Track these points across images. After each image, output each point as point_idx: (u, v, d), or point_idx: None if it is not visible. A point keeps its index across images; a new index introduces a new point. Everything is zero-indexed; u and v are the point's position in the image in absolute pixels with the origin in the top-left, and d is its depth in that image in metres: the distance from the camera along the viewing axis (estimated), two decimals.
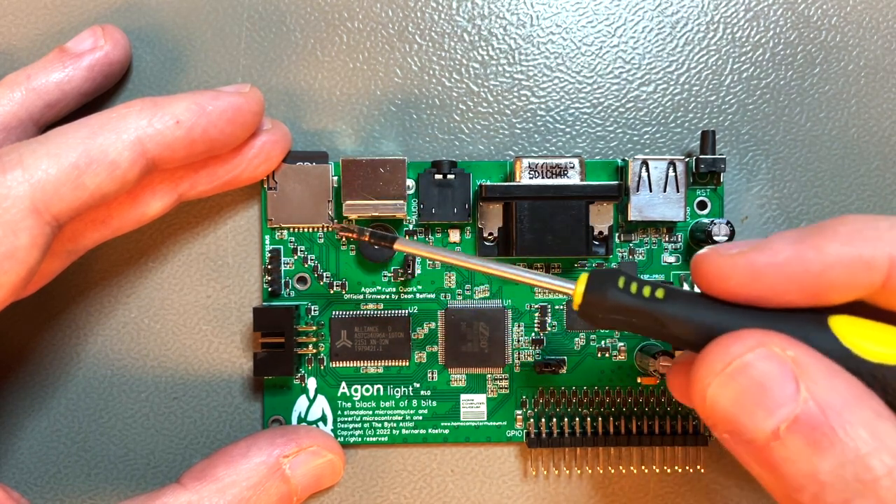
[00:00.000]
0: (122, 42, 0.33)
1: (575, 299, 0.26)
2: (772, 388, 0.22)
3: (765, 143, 0.35)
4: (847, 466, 0.21)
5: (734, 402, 0.22)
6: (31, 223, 0.26)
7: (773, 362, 0.22)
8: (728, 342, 0.23)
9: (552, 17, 0.35)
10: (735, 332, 0.23)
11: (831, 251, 0.23)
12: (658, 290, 0.25)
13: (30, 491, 0.35)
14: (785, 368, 0.22)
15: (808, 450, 0.21)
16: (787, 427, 0.22)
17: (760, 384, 0.22)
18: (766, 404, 0.22)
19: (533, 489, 0.35)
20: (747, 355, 0.22)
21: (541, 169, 0.32)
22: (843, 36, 0.35)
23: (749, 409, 0.22)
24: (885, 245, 0.23)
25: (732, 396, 0.22)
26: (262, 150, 0.32)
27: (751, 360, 0.22)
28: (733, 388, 0.22)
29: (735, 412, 0.22)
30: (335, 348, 0.34)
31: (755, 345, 0.23)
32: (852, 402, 0.22)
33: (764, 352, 0.22)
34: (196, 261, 0.35)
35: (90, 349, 0.35)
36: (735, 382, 0.22)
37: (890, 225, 0.23)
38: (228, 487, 0.30)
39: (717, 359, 0.23)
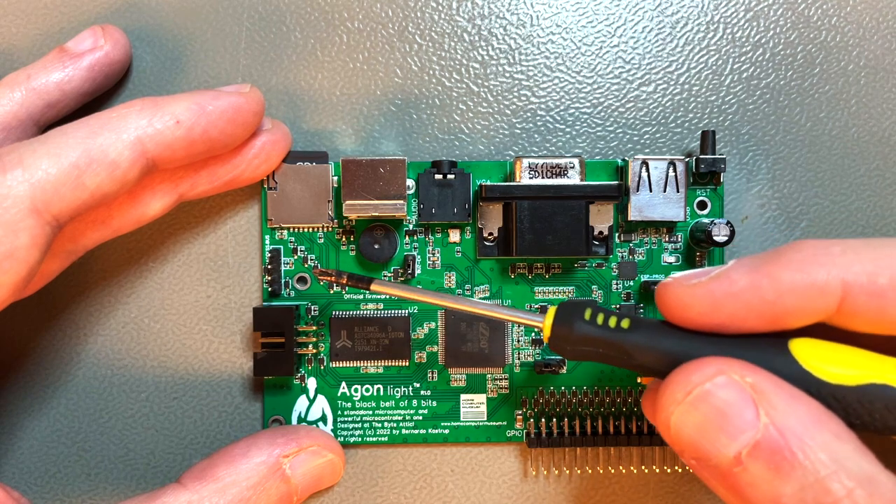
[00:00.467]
0: (122, 42, 0.33)
1: (544, 332, 0.27)
2: (732, 414, 0.23)
3: (765, 143, 0.35)
4: (808, 490, 0.21)
5: (696, 429, 0.23)
6: (31, 223, 0.26)
7: (732, 389, 0.23)
8: (688, 371, 0.24)
9: (552, 17, 0.35)
10: (695, 360, 0.24)
11: (785, 279, 0.23)
12: (624, 320, 0.26)
13: (30, 491, 0.35)
14: (744, 395, 0.23)
15: (769, 474, 0.22)
16: (748, 452, 0.22)
17: (721, 411, 0.23)
18: (727, 430, 0.23)
19: (533, 489, 0.35)
20: (707, 384, 0.23)
21: (541, 169, 0.32)
22: (843, 36, 0.35)
23: (711, 435, 0.23)
24: (838, 270, 0.23)
25: (694, 424, 0.23)
26: (262, 150, 0.32)
27: (710, 388, 0.23)
28: (695, 416, 0.23)
29: (698, 439, 0.23)
30: (335, 348, 0.34)
31: (714, 373, 0.23)
32: (811, 426, 0.22)
33: (723, 379, 0.23)
34: (196, 261, 0.35)
35: (90, 349, 0.35)
36: (696, 410, 0.23)
37: (842, 250, 0.24)
38: (229, 487, 0.30)
39: (678, 388, 0.24)
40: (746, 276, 0.24)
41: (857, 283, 0.23)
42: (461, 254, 0.34)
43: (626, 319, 0.26)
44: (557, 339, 0.27)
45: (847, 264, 0.23)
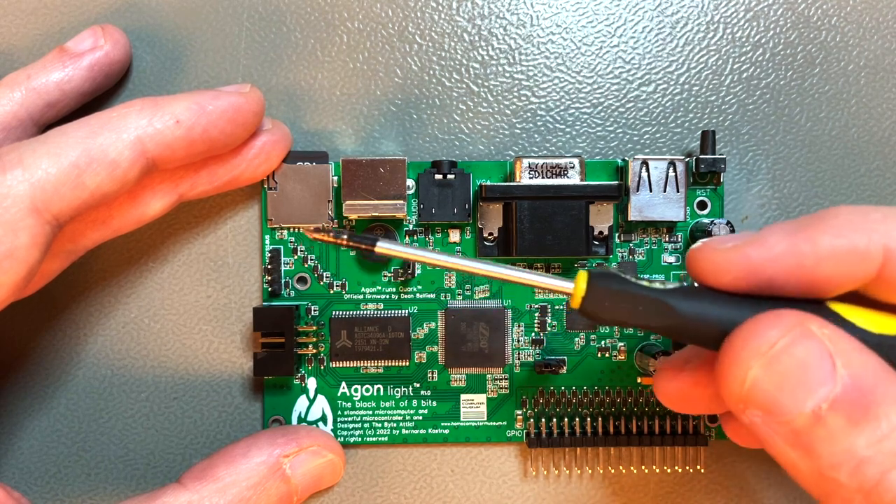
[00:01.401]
0: (122, 42, 0.33)
1: (575, 296, 0.25)
2: (813, 367, 0.22)
3: (765, 143, 0.35)
4: (884, 441, 0.21)
5: (776, 383, 0.22)
6: (31, 222, 0.26)
7: (812, 342, 0.22)
8: (767, 323, 0.23)
9: (552, 17, 0.35)
10: (771, 312, 0.23)
11: (825, 243, 0.23)
12: (659, 283, 0.25)
13: (30, 491, 0.35)
14: (822, 348, 0.22)
15: (847, 427, 0.21)
16: (828, 406, 0.21)
17: (803, 364, 0.22)
18: (807, 384, 0.22)
19: (533, 489, 0.35)
20: (788, 336, 0.22)
21: (541, 169, 0.32)
22: (843, 36, 0.35)
23: (791, 390, 0.22)
24: (879, 236, 0.23)
25: (776, 378, 0.22)
26: (262, 150, 0.32)
27: (792, 340, 0.22)
28: (777, 370, 0.22)
29: (776, 394, 0.22)
30: (335, 348, 0.34)
31: (795, 324, 0.22)
32: (883, 378, 0.22)
33: (803, 331, 0.22)
34: (196, 261, 0.35)
35: (90, 349, 0.35)
36: (779, 364, 0.22)
37: (883, 216, 0.23)
38: (229, 487, 0.30)
39: (759, 340, 0.23)
40: (784, 240, 0.23)
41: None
42: (461, 254, 0.34)
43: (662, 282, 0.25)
44: (594, 300, 0.25)
45: (888, 231, 0.23)
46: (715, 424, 0.34)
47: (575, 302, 0.25)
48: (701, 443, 0.34)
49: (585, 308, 0.25)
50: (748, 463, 0.35)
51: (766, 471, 0.35)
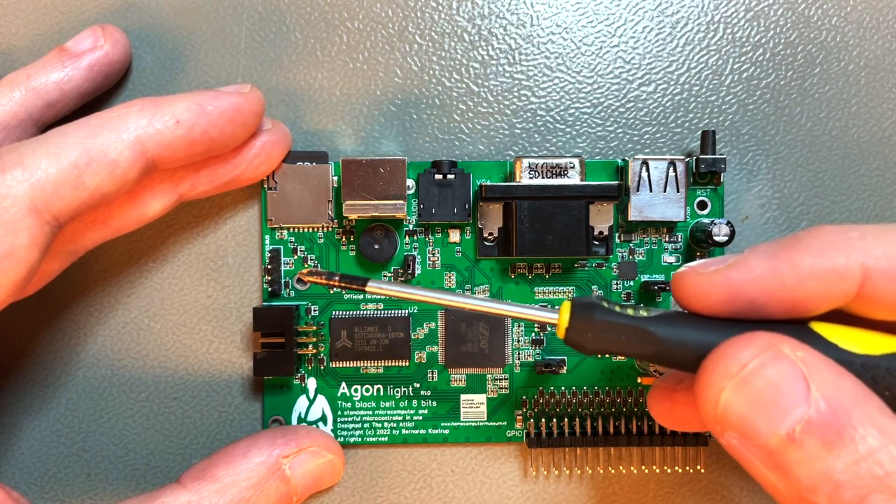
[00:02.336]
0: (121, 42, 0.33)
1: (560, 326, 0.26)
2: (785, 389, 0.22)
3: (765, 143, 0.35)
4: (861, 463, 0.21)
5: (748, 405, 0.22)
6: (30, 223, 0.26)
7: (784, 364, 0.22)
8: (739, 345, 0.23)
9: (552, 17, 0.35)
10: (743, 335, 0.23)
11: (805, 264, 0.23)
12: (642, 309, 0.25)
13: (30, 491, 0.35)
14: (795, 370, 0.22)
15: (821, 450, 0.21)
16: (801, 429, 0.22)
17: (775, 386, 0.22)
18: (780, 406, 0.22)
19: (533, 489, 0.35)
20: (758, 358, 0.22)
21: (541, 169, 0.32)
22: (843, 36, 0.35)
23: (764, 411, 0.22)
24: (857, 254, 0.23)
25: (748, 399, 0.22)
26: (262, 150, 0.32)
27: (764, 362, 0.22)
28: (748, 392, 0.22)
29: (749, 416, 0.22)
30: (335, 348, 0.34)
31: (766, 346, 0.23)
32: (859, 400, 0.22)
33: (775, 353, 0.22)
34: (196, 261, 0.35)
35: (90, 349, 0.35)
36: (750, 385, 0.22)
37: (861, 234, 0.23)
38: (228, 487, 0.30)
39: (730, 362, 0.23)
40: (765, 262, 0.24)
41: (878, 267, 0.23)
42: (461, 254, 0.34)
43: (645, 309, 0.25)
44: (577, 331, 0.25)
45: (867, 248, 0.23)
46: None
47: (559, 333, 0.26)
48: (701, 443, 0.34)
49: (569, 339, 0.26)
50: None
51: None
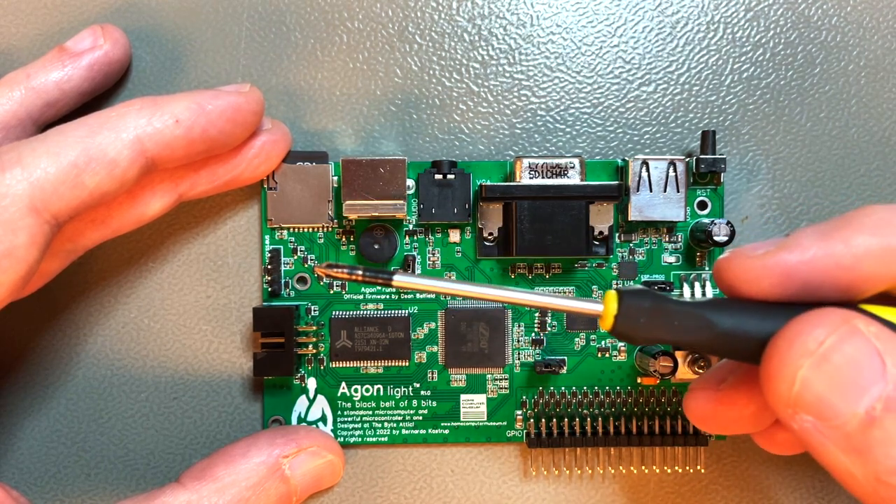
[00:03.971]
0: (121, 41, 0.33)
1: (607, 315, 0.24)
2: (863, 366, 0.21)
3: (765, 143, 0.35)
4: None
5: (828, 383, 0.21)
6: (29, 222, 0.26)
7: (860, 339, 0.21)
8: (814, 322, 0.22)
9: (552, 17, 0.35)
10: (814, 311, 0.22)
11: (860, 243, 0.23)
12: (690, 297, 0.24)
13: (30, 491, 0.35)
14: (870, 346, 0.21)
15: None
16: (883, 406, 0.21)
17: (854, 363, 0.21)
18: (859, 384, 0.21)
19: (533, 489, 0.35)
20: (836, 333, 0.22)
21: (541, 169, 0.32)
22: (843, 36, 0.35)
23: (843, 390, 0.21)
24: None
25: (827, 377, 0.21)
26: (262, 150, 0.32)
27: (841, 337, 0.21)
28: (827, 369, 0.21)
29: (827, 395, 0.21)
30: (335, 348, 0.34)
31: (841, 322, 0.22)
32: None
33: (850, 328, 0.22)
34: (196, 261, 0.35)
35: (90, 349, 0.35)
36: (829, 363, 0.21)
37: None
38: (228, 487, 0.30)
39: (808, 339, 0.22)
40: (818, 242, 0.23)
41: None
42: (461, 254, 0.34)
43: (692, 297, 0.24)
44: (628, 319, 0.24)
45: None
46: None
47: (606, 323, 0.24)
48: (701, 443, 0.34)
49: (618, 328, 0.24)
50: (748, 463, 0.35)
51: (765, 471, 0.35)
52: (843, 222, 0.23)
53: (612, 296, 0.24)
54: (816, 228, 0.23)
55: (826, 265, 0.23)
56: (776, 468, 0.35)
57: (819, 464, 0.22)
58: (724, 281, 0.24)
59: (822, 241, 0.23)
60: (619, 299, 0.24)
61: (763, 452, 0.35)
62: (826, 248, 0.23)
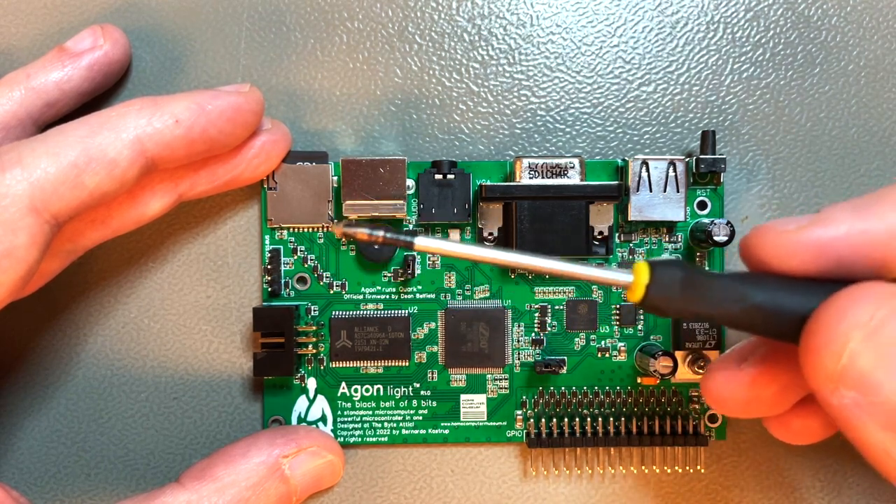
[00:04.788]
0: (121, 41, 0.33)
1: (637, 286, 0.23)
2: None
3: (765, 143, 0.35)
4: None
5: (878, 357, 0.21)
6: (29, 222, 0.26)
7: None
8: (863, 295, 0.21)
9: (552, 17, 0.35)
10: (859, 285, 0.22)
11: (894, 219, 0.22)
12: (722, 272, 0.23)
13: (30, 491, 0.35)
14: None
15: None
16: None
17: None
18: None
19: (533, 489, 0.35)
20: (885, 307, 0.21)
21: (541, 169, 0.32)
22: (843, 36, 0.35)
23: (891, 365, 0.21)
24: None
25: (877, 351, 0.21)
26: (262, 150, 0.32)
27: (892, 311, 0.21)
28: (879, 342, 0.21)
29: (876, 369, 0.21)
30: (335, 348, 0.34)
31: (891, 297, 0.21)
32: None
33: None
34: (196, 261, 0.35)
35: (90, 349, 0.35)
36: (881, 336, 0.21)
37: None
38: (228, 487, 0.30)
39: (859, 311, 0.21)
40: (852, 217, 0.23)
41: None
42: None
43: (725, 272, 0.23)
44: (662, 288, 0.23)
45: None
46: (716, 424, 0.34)
47: (637, 294, 0.23)
48: (701, 443, 0.34)
49: (650, 299, 0.23)
50: (748, 463, 0.35)
51: (765, 471, 0.35)
52: (876, 198, 0.23)
53: (642, 266, 0.23)
54: (850, 204, 0.23)
55: (860, 241, 0.22)
56: (776, 468, 0.35)
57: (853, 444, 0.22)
58: (754, 256, 0.24)
59: (855, 216, 0.23)
60: (651, 270, 0.23)
61: (764, 452, 0.35)
62: (860, 224, 0.22)
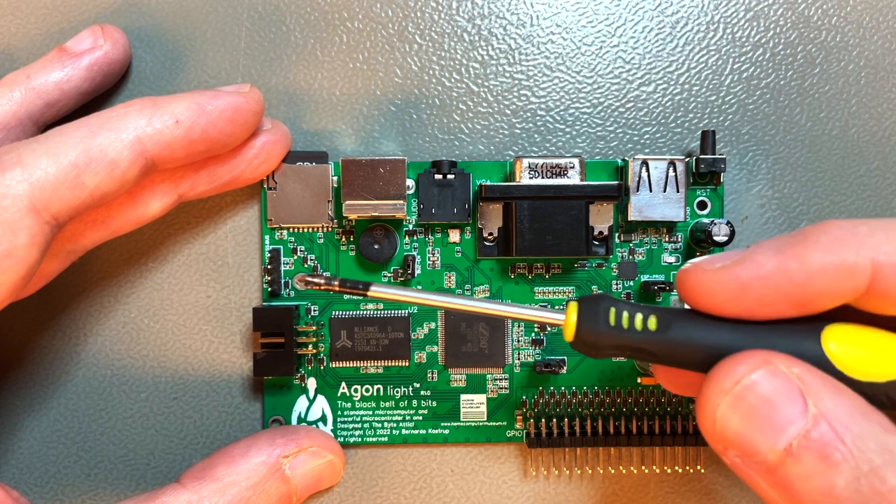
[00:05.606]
0: (121, 41, 0.33)
1: (566, 332, 0.25)
2: (780, 404, 0.22)
3: (765, 143, 0.35)
4: (862, 480, 0.21)
5: (744, 421, 0.22)
6: (30, 222, 0.26)
7: (779, 380, 0.22)
8: (734, 362, 0.23)
9: (552, 17, 0.35)
10: (740, 352, 0.23)
11: (814, 260, 0.23)
12: (650, 319, 0.25)
13: (30, 491, 0.35)
14: (791, 385, 0.22)
15: (821, 466, 0.21)
16: (798, 444, 0.22)
17: (769, 401, 0.22)
18: (776, 421, 0.22)
19: (533, 489, 0.35)
20: (753, 374, 0.22)
21: (541, 169, 0.32)
22: (843, 36, 0.35)
23: (760, 427, 0.22)
24: (867, 250, 0.23)
25: (742, 415, 0.22)
26: (262, 150, 0.32)
27: (757, 378, 0.22)
28: (742, 407, 0.22)
29: (745, 431, 0.22)
30: (335, 348, 0.34)
31: (760, 363, 0.23)
32: (859, 416, 0.22)
33: (770, 369, 0.22)
34: (196, 261, 0.35)
35: (90, 349, 0.35)
36: (744, 401, 0.22)
37: (870, 230, 0.23)
38: (228, 487, 0.30)
39: (724, 378, 0.23)
40: (773, 258, 0.23)
41: (888, 262, 0.22)
42: (461, 254, 0.34)
43: (653, 317, 0.25)
44: (583, 343, 0.25)
45: (876, 244, 0.23)
46: None
47: (568, 332, 0.25)
48: (701, 443, 0.34)
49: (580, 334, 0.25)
50: None
51: None
52: (799, 238, 0.24)
53: (572, 310, 0.25)
54: (772, 244, 0.24)
55: (780, 281, 0.23)
56: None
57: None
58: (683, 293, 0.25)
59: (776, 256, 0.23)
60: (577, 321, 0.25)
61: None
62: (780, 265, 0.23)
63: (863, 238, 0.23)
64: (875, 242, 0.23)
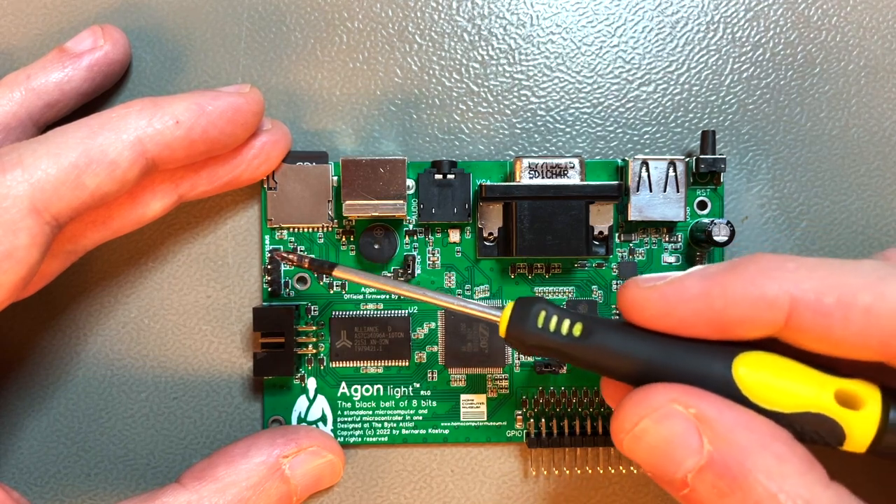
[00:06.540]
0: (121, 42, 0.33)
1: (500, 328, 0.27)
2: (677, 443, 0.24)
3: (765, 143, 0.35)
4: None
5: (646, 455, 0.25)
6: (30, 223, 0.26)
7: (676, 420, 0.24)
8: (635, 401, 0.25)
9: (552, 17, 0.35)
10: (642, 388, 0.25)
11: (736, 289, 0.24)
12: (576, 325, 0.26)
13: (30, 491, 0.35)
14: (689, 424, 0.24)
15: (715, 496, 0.23)
16: (693, 476, 0.24)
17: (666, 440, 0.24)
18: (673, 457, 0.24)
19: (533, 489, 0.35)
20: (652, 415, 0.24)
21: (541, 169, 0.32)
22: (843, 36, 0.35)
23: (659, 460, 0.24)
24: (788, 285, 0.24)
25: (644, 451, 0.25)
26: (262, 150, 0.32)
27: (656, 419, 0.24)
28: (643, 445, 0.25)
29: (648, 462, 0.25)
30: (335, 348, 0.34)
31: (661, 403, 0.24)
32: (753, 451, 0.23)
33: (667, 411, 0.24)
34: (196, 261, 0.35)
35: (90, 349, 0.35)
36: (643, 441, 0.24)
37: (796, 266, 0.24)
38: (228, 487, 0.30)
39: (626, 418, 0.25)
40: (698, 283, 0.25)
41: (805, 299, 0.23)
42: (461, 254, 0.34)
43: (579, 324, 0.26)
44: (512, 340, 0.27)
45: (797, 280, 0.24)
46: None
47: (501, 328, 0.27)
48: None
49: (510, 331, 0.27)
50: None
51: None
52: (728, 267, 0.25)
53: (506, 312, 0.27)
54: (703, 270, 0.25)
55: (701, 306, 0.25)
56: None
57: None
58: (619, 305, 0.27)
59: (702, 282, 0.25)
60: (508, 322, 0.27)
61: None
62: (703, 290, 0.24)
63: (787, 273, 0.24)
64: (797, 279, 0.24)
